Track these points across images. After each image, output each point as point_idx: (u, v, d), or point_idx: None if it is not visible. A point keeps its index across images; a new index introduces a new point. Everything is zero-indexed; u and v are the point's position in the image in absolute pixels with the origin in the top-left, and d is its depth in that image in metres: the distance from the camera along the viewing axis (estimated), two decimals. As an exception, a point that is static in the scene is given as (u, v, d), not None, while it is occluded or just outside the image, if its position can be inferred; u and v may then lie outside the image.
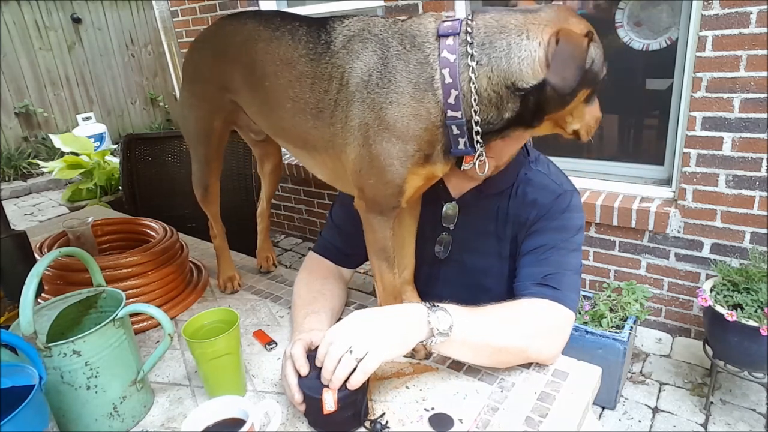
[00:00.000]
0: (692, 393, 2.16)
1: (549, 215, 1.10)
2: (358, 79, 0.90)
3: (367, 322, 0.89)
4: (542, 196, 1.11)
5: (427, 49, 0.87)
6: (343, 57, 0.92)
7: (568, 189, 1.13)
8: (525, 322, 0.98)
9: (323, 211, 3.70)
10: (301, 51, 0.98)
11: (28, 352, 0.79)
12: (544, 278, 1.03)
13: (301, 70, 0.97)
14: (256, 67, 1.05)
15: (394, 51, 0.88)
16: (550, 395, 0.93)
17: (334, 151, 0.99)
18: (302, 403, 0.87)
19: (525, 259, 1.10)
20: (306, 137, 1.03)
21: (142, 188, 2.53)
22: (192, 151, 1.32)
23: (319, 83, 0.95)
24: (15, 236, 1.11)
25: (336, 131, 0.96)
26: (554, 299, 1.00)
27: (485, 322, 0.95)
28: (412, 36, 0.88)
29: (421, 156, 0.91)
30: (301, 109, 0.99)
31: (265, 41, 1.03)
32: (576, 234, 1.10)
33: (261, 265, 1.51)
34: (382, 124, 0.89)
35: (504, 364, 0.99)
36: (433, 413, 0.89)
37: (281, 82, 1.01)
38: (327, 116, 0.96)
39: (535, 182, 1.13)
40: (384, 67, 0.88)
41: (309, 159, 1.10)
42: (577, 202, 1.13)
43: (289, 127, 1.05)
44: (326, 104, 0.95)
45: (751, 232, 2.15)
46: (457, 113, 0.86)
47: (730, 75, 2.01)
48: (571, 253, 1.08)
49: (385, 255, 1.03)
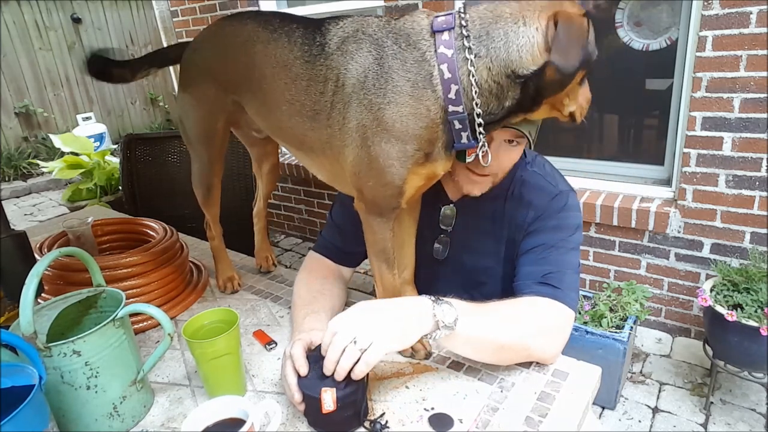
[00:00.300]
0: (692, 393, 2.16)
1: (546, 215, 1.11)
2: (354, 81, 0.90)
3: (371, 312, 0.88)
4: (538, 197, 1.13)
5: (423, 46, 0.87)
6: (338, 59, 0.92)
7: (564, 189, 1.14)
8: (528, 320, 0.98)
9: (323, 211, 3.70)
10: (296, 53, 0.98)
11: (28, 352, 0.79)
12: (544, 277, 1.04)
13: (296, 72, 0.98)
14: (255, 68, 1.05)
15: (389, 50, 0.88)
16: (550, 395, 0.93)
17: (332, 153, 0.99)
18: (302, 403, 0.87)
19: (524, 259, 1.10)
20: (303, 139, 1.03)
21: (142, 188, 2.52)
22: (193, 153, 1.32)
23: (314, 85, 0.95)
24: (15, 236, 1.11)
25: (333, 133, 0.96)
26: (555, 298, 1.01)
27: (489, 318, 0.96)
28: (407, 34, 0.88)
29: (421, 155, 0.91)
30: (298, 111, 0.99)
31: (263, 43, 1.04)
32: (574, 233, 1.10)
33: (261, 265, 1.51)
34: (381, 125, 0.88)
35: (505, 362, 1.00)
36: (433, 413, 0.89)
37: (278, 84, 1.01)
38: (323, 118, 0.96)
39: (530, 183, 1.15)
40: (380, 67, 0.88)
41: (308, 160, 1.11)
42: (573, 202, 1.14)
43: (287, 128, 1.05)
44: (322, 106, 0.95)
45: (751, 232, 2.15)
46: (459, 107, 0.86)
47: (730, 75, 2.00)
48: (570, 252, 1.08)
49: (385, 256, 1.03)
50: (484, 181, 1.10)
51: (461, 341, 0.92)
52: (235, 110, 1.20)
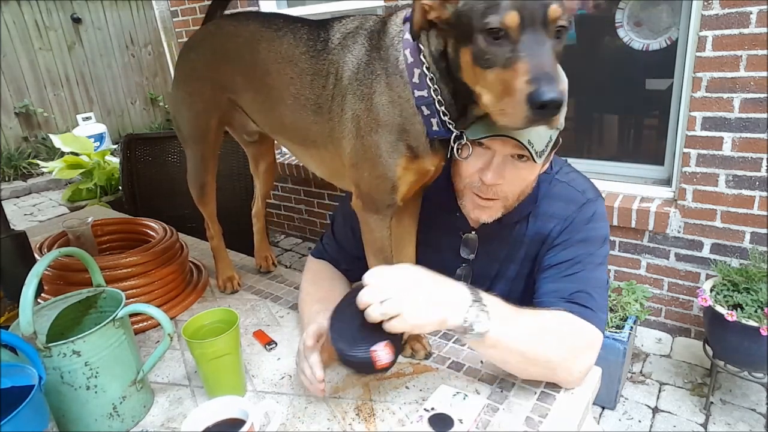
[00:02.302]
0: (692, 393, 2.16)
1: (572, 227, 1.04)
2: (350, 73, 0.92)
3: (413, 284, 0.82)
4: (564, 208, 1.06)
5: (393, 32, 0.88)
6: (338, 53, 0.94)
7: (591, 197, 1.07)
8: (559, 339, 0.91)
9: (323, 211, 3.70)
10: (302, 49, 1.00)
11: (27, 352, 0.79)
12: (572, 295, 0.97)
13: (302, 67, 0.99)
14: (258, 65, 1.06)
15: (374, 42, 0.90)
16: (550, 395, 0.93)
17: (333, 146, 1.00)
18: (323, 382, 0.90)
19: (549, 274, 1.03)
20: (306, 133, 1.04)
21: (142, 188, 2.52)
22: (187, 151, 1.32)
23: (318, 79, 0.97)
24: (15, 236, 1.11)
25: (334, 125, 0.97)
26: (585, 318, 0.94)
27: (523, 329, 0.88)
28: (389, 27, 0.90)
29: (405, 146, 0.90)
30: (302, 105, 1.01)
31: (267, 41, 1.05)
32: (602, 246, 1.04)
33: (260, 265, 1.51)
34: (371, 115, 0.90)
35: (528, 376, 0.95)
36: (433, 413, 0.89)
37: (283, 79, 1.02)
38: (326, 111, 0.97)
39: (555, 194, 1.08)
40: (369, 58, 0.90)
41: (308, 156, 1.12)
42: (601, 211, 1.07)
43: (290, 123, 1.06)
44: (324, 99, 0.97)
45: (751, 232, 2.15)
46: (423, 92, 0.86)
47: (730, 75, 2.00)
48: (598, 268, 1.02)
49: (383, 255, 1.03)
50: (493, 206, 1.03)
51: (487, 346, 0.86)
52: (229, 109, 1.21)
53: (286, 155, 3.72)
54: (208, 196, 1.37)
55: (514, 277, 1.15)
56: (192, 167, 1.33)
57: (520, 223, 1.10)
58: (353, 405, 0.94)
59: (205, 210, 1.39)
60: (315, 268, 1.28)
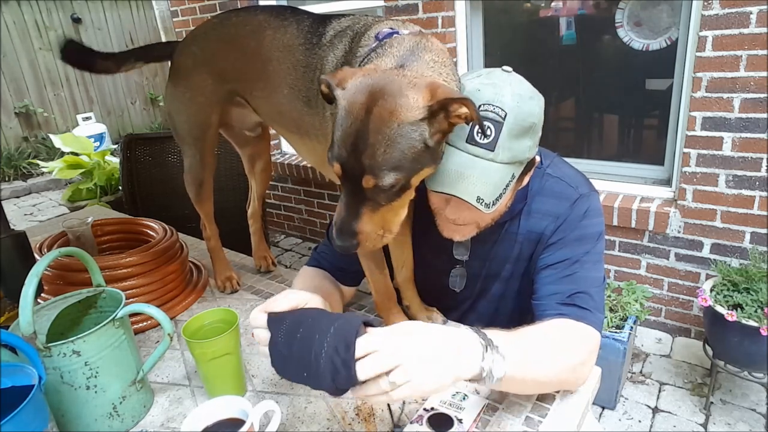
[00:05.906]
0: (692, 393, 2.16)
1: (566, 226, 1.02)
2: (330, 70, 0.94)
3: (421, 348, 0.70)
4: (556, 205, 1.03)
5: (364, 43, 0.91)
6: (326, 49, 0.96)
7: (584, 192, 1.04)
8: (566, 355, 0.88)
9: (323, 211, 3.70)
10: (300, 40, 1.02)
11: (27, 352, 0.79)
12: (570, 297, 0.95)
13: (298, 57, 1.02)
14: (262, 53, 1.08)
15: (352, 47, 0.92)
16: (550, 395, 0.93)
17: (324, 138, 1.01)
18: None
19: (546, 275, 1.00)
20: (300, 123, 1.06)
21: (142, 188, 2.53)
22: (185, 148, 1.32)
23: (309, 72, 0.99)
24: (15, 236, 1.10)
25: (323, 119, 0.99)
26: (583, 320, 0.92)
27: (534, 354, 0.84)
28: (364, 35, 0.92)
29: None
30: (296, 95, 1.03)
31: (273, 29, 1.07)
32: (597, 242, 1.02)
33: (260, 265, 1.52)
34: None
35: (540, 393, 0.93)
36: (433, 413, 0.89)
37: (283, 68, 1.05)
38: (314, 104, 0.99)
39: (547, 190, 1.05)
40: (344, 61, 0.92)
41: (301, 144, 1.13)
42: (595, 206, 1.04)
43: (286, 111, 1.08)
44: (313, 93, 0.99)
45: (751, 232, 2.15)
46: None
47: (730, 75, 2.00)
48: (595, 266, 1.00)
49: (371, 255, 1.03)
50: (465, 229, 1.00)
51: (503, 384, 0.79)
52: (229, 104, 1.22)
53: (286, 155, 3.72)
54: (205, 195, 1.37)
55: (509, 277, 1.13)
56: (189, 165, 1.33)
57: (512, 221, 1.07)
58: (353, 405, 0.94)
59: (202, 209, 1.39)
60: (306, 273, 1.22)
